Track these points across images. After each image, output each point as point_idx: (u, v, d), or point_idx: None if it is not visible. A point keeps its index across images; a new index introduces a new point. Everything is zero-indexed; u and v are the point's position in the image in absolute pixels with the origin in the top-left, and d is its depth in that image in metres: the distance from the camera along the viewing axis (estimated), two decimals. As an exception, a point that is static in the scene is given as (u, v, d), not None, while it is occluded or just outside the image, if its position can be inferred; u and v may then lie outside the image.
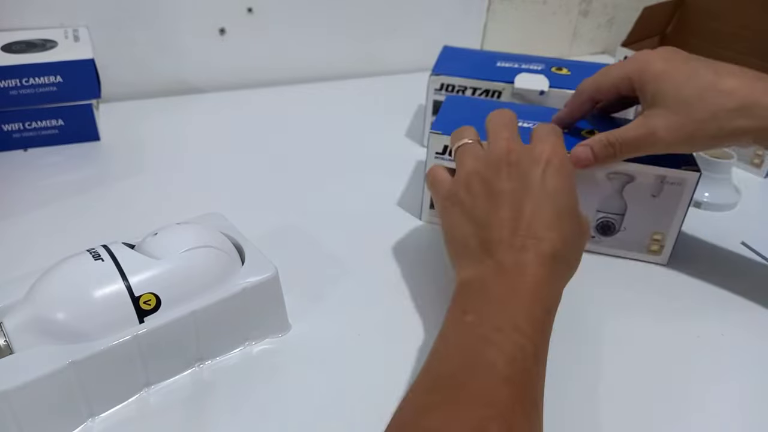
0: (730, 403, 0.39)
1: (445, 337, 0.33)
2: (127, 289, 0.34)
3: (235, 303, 0.38)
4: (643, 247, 0.49)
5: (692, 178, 0.46)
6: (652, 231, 0.48)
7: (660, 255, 0.49)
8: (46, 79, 0.60)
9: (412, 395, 0.30)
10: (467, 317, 0.33)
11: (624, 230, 0.48)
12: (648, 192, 0.47)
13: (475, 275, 0.35)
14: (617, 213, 0.48)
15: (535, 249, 0.34)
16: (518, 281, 0.33)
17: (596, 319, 0.44)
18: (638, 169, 0.46)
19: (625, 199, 0.47)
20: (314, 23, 0.81)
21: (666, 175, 0.46)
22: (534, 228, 0.35)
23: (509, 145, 0.38)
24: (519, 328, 0.31)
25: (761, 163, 0.65)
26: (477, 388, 0.28)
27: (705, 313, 0.45)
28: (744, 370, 0.41)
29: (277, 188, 0.58)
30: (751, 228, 0.55)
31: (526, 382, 0.29)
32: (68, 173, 0.59)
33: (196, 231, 0.39)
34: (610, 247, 0.49)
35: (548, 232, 0.35)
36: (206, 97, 0.77)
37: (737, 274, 0.50)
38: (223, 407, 0.36)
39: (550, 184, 0.36)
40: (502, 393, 0.28)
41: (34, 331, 0.33)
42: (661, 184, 0.46)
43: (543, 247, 0.34)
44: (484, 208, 0.37)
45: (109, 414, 0.35)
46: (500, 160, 0.38)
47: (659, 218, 0.48)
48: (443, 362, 0.31)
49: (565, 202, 0.37)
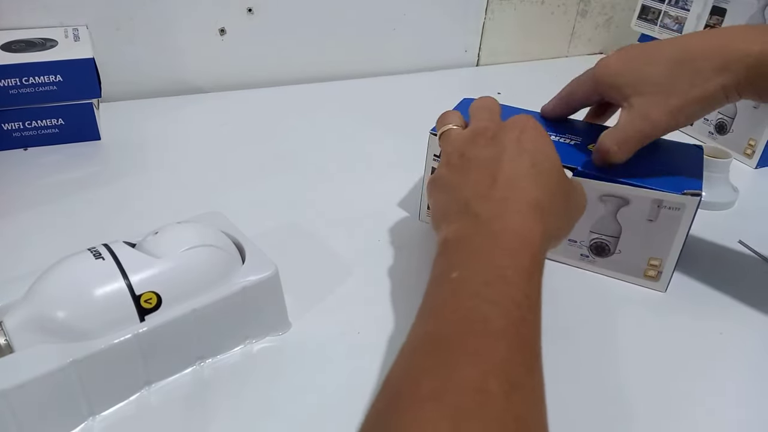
0: (728, 401, 0.39)
1: (433, 296, 0.32)
2: (128, 288, 0.34)
3: (236, 301, 0.38)
4: (640, 271, 0.47)
5: (692, 203, 0.42)
6: (649, 256, 0.46)
7: (658, 282, 0.46)
8: (47, 78, 0.60)
9: (403, 360, 0.28)
10: (453, 274, 0.31)
11: (619, 252, 0.46)
12: (644, 216, 0.44)
13: (456, 232, 0.34)
14: (611, 235, 0.46)
15: (515, 199, 0.33)
16: (500, 231, 0.32)
17: (592, 317, 0.44)
18: (633, 192, 0.43)
19: (619, 222, 0.45)
20: (314, 23, 0.81)
21: (663, 200, 0.43)
22: (514, 181, 0.34)
23: (486, 123, 0.39)
24: (507, 279, 0.30)
25: (753, 154, 0.66)
26: (472, 346, 0.27)
27: (703, 312, 0.45)
28: (742, 368, 0.41)
29: (277, 187, 0.58)
30: (749, 226, 0.55)
31: (522, 332, 0.28)
32: (69, 172, 0.59)
33: (197, 230, 0.39)
34: (605, 268, 0.48)
35: (529, 184, 0.34)
36: (206, 97, 0.77)
37: (735, 273, 0.50)
38: (224, 405, 0.36)
39: (528, 144, 0.36)
40: (498, 347, 0.26)
41: (35, 330, 0.33)
42: (657, 208, 0.43)
43: (523, 196, 0.34)
44: (462, 175, 0.37)
45: (110, 412, 0.35)
46: (477, 134, 0.38)
47: (656, 244, 0.45)
48: (434, 322, 0.29)
49: (545, 158, 0.36)
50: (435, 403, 0.24)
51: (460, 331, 0.28)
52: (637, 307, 0.46)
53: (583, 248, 0.48)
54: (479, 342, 0.27)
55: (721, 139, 0.69)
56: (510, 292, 0.29)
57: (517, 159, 0.36)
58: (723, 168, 0.58)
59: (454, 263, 0.32)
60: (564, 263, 0.49)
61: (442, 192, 0.39)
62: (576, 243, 0.48)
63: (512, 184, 0.34)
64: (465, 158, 0.38)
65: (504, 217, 0.33)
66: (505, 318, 0.28)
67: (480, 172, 0.36)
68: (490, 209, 0.34)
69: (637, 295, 0.47)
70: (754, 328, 0.44)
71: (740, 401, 0.39)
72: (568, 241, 0.48)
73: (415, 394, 0.25)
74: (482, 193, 0.35)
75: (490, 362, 0.26)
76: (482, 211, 0.34)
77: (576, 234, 0.47)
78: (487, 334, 0.27)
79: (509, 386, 0.25)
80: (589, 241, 0.47)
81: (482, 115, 0.41)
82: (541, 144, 0.37)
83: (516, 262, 0.31)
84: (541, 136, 0.37)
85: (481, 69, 0.94)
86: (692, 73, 0.40)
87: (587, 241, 0.47)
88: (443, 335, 0.28)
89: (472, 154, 0.37)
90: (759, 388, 0.40)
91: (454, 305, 0.29)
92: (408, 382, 0.26)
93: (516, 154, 0.36)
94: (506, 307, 0.28)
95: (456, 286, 0.30)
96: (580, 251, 0.48)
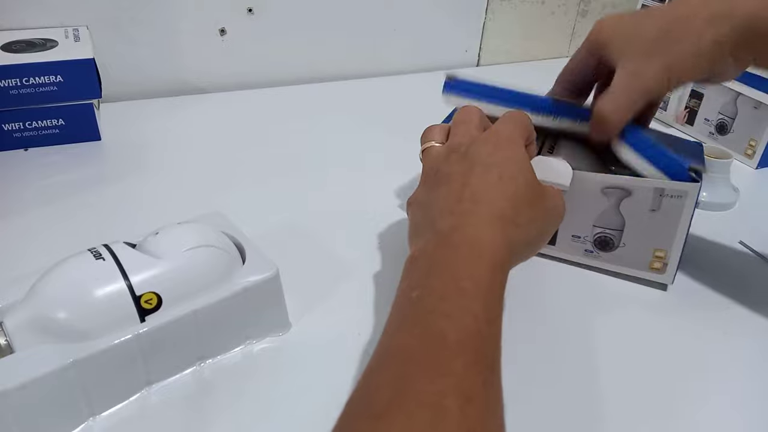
0: (729, 402, 0.39)
1: (395, 314, 0.32)
2: (129, 288, 0.34)
3: (236, 302, 0.38)
4: (645, 264, 0.46)
5: (693, 189, 0.42)
6: (654, 248, 0.46)
7: (663, 273, 0.46)
8: (47, 79, 0.60)
9: (363, 378, 0.28)
10: (413, 293, 0.31)
11: (623, 246, 0.46)
12: (646, 207, 0.44)
13: (419, 250, 0.35)
14: (615, 228, 0.46)
15: (478, 211, 0.33)
16: (460, 244, 0.32)
17: (593, 317, 0.44)
18: (634, 183, 0.44)
19: (622, 214, 0.45)
20: (314, 23, 0.81)
21: (664, 188, 0.43)
22: (479, 194, 0.34)
23: (461, 139, 0.39)
24: (464, 292, 0.30)
25: (753, 154, 0.66)
26: (429, 361, 0.27)
27: (704, 313, 0.45)
28: (743, 369, 0.41)
29: (277, 188, 0.58)
30: (749, 227, 0.55)
31: (479, 346, 0.28)
32: (69, 173, 0.59)
33: (197, 230, 0.39)
34: (609, 262, 0.48)
35: (495, 195, 0.34)
36: (206, 97, 0.77)
37: (736, 274, 0.50)
38: (224, 406, 0.36)
39: (498, 157, 0.36)
40: (455, 363, 0.26)
41: (35, 331, 0.33)
42: (659, 197, 0.43)
43: (487, 208, 0.34)
44: (433, 191, 0.37)
45: (110, 413, 0.35)
46: (451, 150, 0.38)
47: (660, 234, 0.45)
48: (395, 340, 0.29)
49: (516, 169, 0.36)
50: (387, 420, 0.24)
51: (418, 346, 0.28)
52: (638, 307, 0.46)
53: (587, 243, 0.48)
54: (435, 358, 0.27)
55: (722, 140, 0.69)
56: (467, 305, 0.29)
57: (485, 172, 0.36)
58: (724, 168, 0.58)
59: (414, 282, 0.32)
60: (568, 260, 0.49)
61: (417, 210, 0.39)
62: (580, 239, 0.48)
63: (477, 197, 0.34)
64: (438, 175, 0.38)
65: (464, 230, 0.33)
66: (462, 332, 0.28)
67: (449, 187, 0.36)
68: (452, 223, 0.34)
69: (638, 296, 0.47)
70: (755, 329, 0.44)
71: (742, 402, 0.39)
72: (571, 238, 0.48)
73: (370, 411, 0.25)
74: (448, 208, 0.35)
75: (448, 378, 0.26)
76: (445, 226, 0.34)
77: (579, 229, 0.47)
78: (443, 349, 0.27)
79: (464, 401, 0.25)
80: (593, 236, 0.47)
81: (459, 130, 0.40)
82: (512, 154, 0.37)
83: (474, 272, 0.31)
84: (514, 147, 0.37)
85: (481, 69, 0.94)
86: (683, 29, 0.39)
87: (591, 236, 0.47)
88: (401, 351, 0.28)
89: (445, 171, 0.37)
90: (760, 388, 0.40)
91: (413, 321, 0.29)
92: (365, 399, 0.26)
93: (485, 167, 0.36)
94: (462, 321, 0.28)
95: (416, 302, 0.30)
96: (584, 247, 0.48)
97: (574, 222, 0.47)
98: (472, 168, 0.36)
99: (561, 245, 0.49)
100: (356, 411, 0.26)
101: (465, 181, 0.35)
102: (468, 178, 0.36)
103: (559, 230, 0.48)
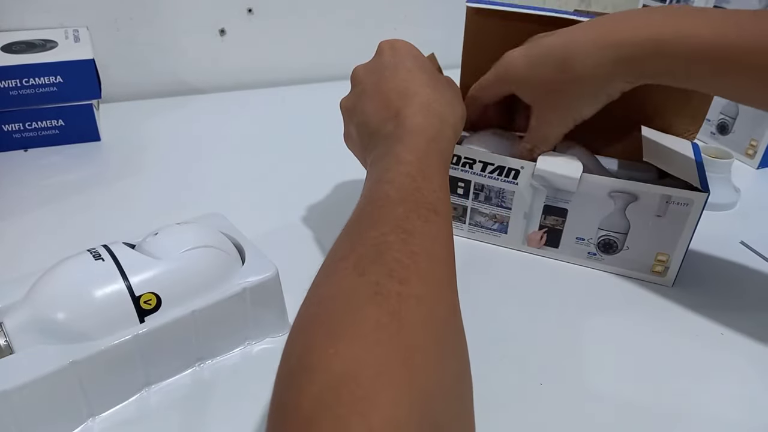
0: (729, 402, 0.39)
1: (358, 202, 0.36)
2: (128, 289, 0.34)
3: (236, 303, 0.38)
4: (647, 267, 0.47)
5: (699, 199, 0.44)
6: (657, 252, 0.46)
7: (665, 277, 0.47)
8: (47, 80, 0.60)
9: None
10: (368, 181, 0.36)
11: (627, 249, 0.47)
12: (652, 212, 0.45)
13: (374, 156, 0.38)
14: (620, 232, 0.47)
15: (408, 105, 0.38)
16: (402, 134, 0.37)
17: (594, 319, 0.44)
18: (643, 188, 0.44)
19: (628, 218, 0.46)
20: (314, 23, 0.81)
21: (672, 195, 0.44)
22: (400, 92, 0.39)
23: (364, 64, 0.44)
24: (403, 160, 0.34)
25: (754, 154, 0.66)
26: (375, 215, 0.31)
27: (704, 313, 0.45)
28: (743, 369, 0.41)
29: (277, 188, 0.58)
30: (750, 227, 0.55)
31: (418, 197, 0.32)
32: (69, 173, 0.59)
33: (197, 231, 0.39)
34: (612, 265, 0.48)
35: (415, 87, 0.39)
36: (206, 97, 0.77)
37: (736, 274, 0.50)
38: (223, 407, 0.36)
39: (398, 56, 0.41)
40: (396, 211, 0.31)
41: (35, 331, 0.33)
42: (666, 204, 0.44)
43: (415, 100, 0.38)
44: (360, 103, 0.42)
45: (110, 414, 0.35)
46: (352, 81, 0.44)
47: (664, 239, 0.46)
48: (354, 213, 0.34)
49: (421, 62, 0.41)
50: (344, 261, 0.29)
51: (367, 207, 0.33)
52: (639, 307, 0.46)
53: (591, 246, 0.48)
54: (380, 211, 0.31)
55: (723, 140, 0.69)
56: (406, 170, 0.33)
57: (396, 78, 0.40)
58: (724, 168, 0.58)
59: (370, 174, 0.36)
60: (572, 263, 0.49)
61: (351, 118, 0.43)
62: (584, 241, 0.48)
63: (400, 94, 0.39)
64: (361, 86, 0.42)
65: (403, 125, 0.37)
66: (402, 190, 0.32)
67: (374, 98, 0.40)
68: (393, 125, 0.38)
69: (639, 296, 0.47)
70: (756, 329, 0.44)
71: (742, 402, 0.39)
72: (575, 240, 0.48)
73: (332, 260, 0.30)
74: (383, 116, 0.39)
75: (390, 224, 0.30)
76: (386, 130, 0.38)
77: (584, 232, 0.48)
78: (387, 204, 0.32)
79: (406, 235, 0.29)
80: (597, 239, 0.47)
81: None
82: (409, 50, 0.42)
83: (411, 146, 0.35)
84: (406, 44, 0.43)
85: (481, 69, 0.94)
86: (578, 72, 0.41)
87: (595, 238, 0.48)
88: (355, 215, 0.33)
89: (363, 85, 0.42)
90: (760, 389, 0.40)
91: (364, 195, 0.34)
92: (330, 254, 0.31)
93: (393, 68, 0.41)
94: (402, 181, 0.33)
95: (368, 186, 0.35)
96: (588, 249, 0.48)
97: (579, 224, 0.47)
98: (382, 74, 0.41)
99: (564, 248, 0.49)
100: (324, 263, 0.31)
101: (386, 93, 0.40)
102: (383, 83, 0.40)
103: (564, 233, 0.48)
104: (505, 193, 0.48)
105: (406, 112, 0.38)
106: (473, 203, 0.50)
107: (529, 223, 0.49)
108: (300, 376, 0.23)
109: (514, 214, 0.49)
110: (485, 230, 0.51)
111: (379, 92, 0.40)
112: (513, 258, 0.50)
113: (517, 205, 0.48)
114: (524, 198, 0.48)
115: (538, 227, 0.49)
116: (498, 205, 0.49)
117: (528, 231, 0.49)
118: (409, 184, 0.33)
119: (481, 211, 0.50)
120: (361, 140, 0.42)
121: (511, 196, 0.48)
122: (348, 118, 0.44)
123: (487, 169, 0.48)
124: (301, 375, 0.23)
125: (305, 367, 0.23)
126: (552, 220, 0.48)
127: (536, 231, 0.49)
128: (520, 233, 0.50)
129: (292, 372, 0.24)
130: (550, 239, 0.49)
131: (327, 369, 0.23)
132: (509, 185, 0.48)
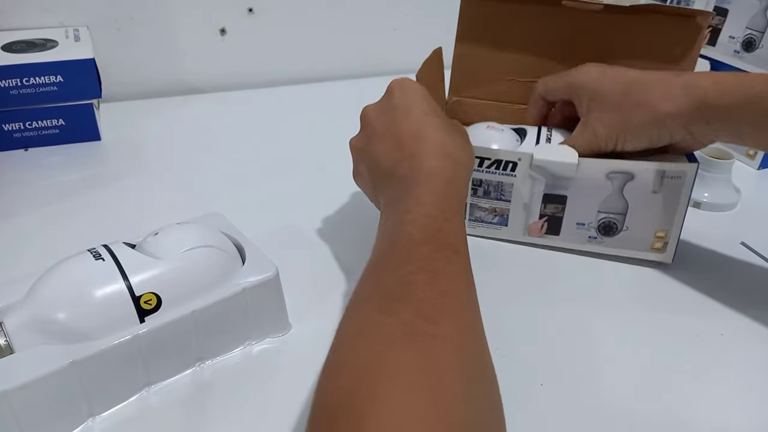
0: (729, 402, 0.39)
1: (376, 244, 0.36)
2: (128, 289, 0.34)
3: (236, 303, 0.38)
4: (647, 245, 0.48)
5: (691, 170, 0.45)
6: (655, 228, 0.48)
7: (664, 253, 0.48)
8: (47, 79, 0.60)
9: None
10: (387, 222, 0.36)
11: (626, 229, 0.48)
12: (649, 188, 0.46)
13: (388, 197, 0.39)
14: (619, 213, 0.48)
15: (422, 150, 0.38)
16: (415, 175, 0.37)
17: (595, 319, 0.44)
18: (638, 166, 0.46)
19: (626, 198, 0.47)
20: (314, 23, 0.81)
21: (666, 170, 0.45)
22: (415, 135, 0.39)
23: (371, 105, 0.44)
24: (422, 202, 0.35)
25: (755, 155, 0.65)
26: (399, 254, 0.32)
27: (704, 313, 0.45)
28: (743, 369, 0.41)
29: (277, 188, 0.58)
30: (751, 228, 0.55)
31: (441, 238, 0.33)
32: (69, 173, 0.59)
33: (197, 231, 0.39)
34: (612, 246, 0.49)
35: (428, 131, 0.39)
36: (206, 97, 0.77)
37: (736, 274, 0.50)
38: (224, 407, 0.36)
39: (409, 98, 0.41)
40: (421, 250, 0.31)
41: (35, 331, 0.33)
42: (661, 179, 0.46)
43: (429, 144, 0.39)
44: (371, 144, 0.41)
45: (110, 413, 0.35)
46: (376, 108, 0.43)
47: (661, 214, 0.47)
48: (374, 253, 0.34)
49: (432, 106, 0.41)
50: (368, 302, 0.29)
51: (389, 248, 0.33)
52: (639, 307, 0.46)
53: (591, 230, 0.49)
54: (404, 250, 0.32)
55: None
56: (427, 212, 0.34)
57: (409, 119, 0.40)
58: (725, 169, 0.58)
59: (387, 214, 0.37)
60: (572, 249, 0.50)
61: (362, 158, 0.43)
62: (584, 226, 0.49)
63: (414, 137, 0.39)
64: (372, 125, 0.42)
65: (420, 168, 0.37)
66: (425, 230, 0.33)
67: (386, 140, 0.40)
68: (408, 167, 0.38)
69: (639, 296, 0.47)
70: (756, 330, 0.44)
71: (741, 402, 0.39)
72: (576, 226, 0.49)
73: (357, 300, 0.31)
74: (396, 158, 0.39)
75: (415, 263, 0.31)
76: (400, 172, 0.38)
77: (584, 216, 0.48)
78: (410, 244, 0.32)
79: (432, 275, 0.30)
80: (597, 222, 0.48)
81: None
82: (419, 92, 0.42)
83: (430, 189, 0.36)
84: (415, 85, 0.43)
85: (481, 69, 0.94)
86: (641, 98, 0.44)
87: (595, 222, 0.48)
88: (377, 256, 0.34)
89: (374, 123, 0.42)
90: (760, 389, 0.40)
91: (385, 235, 0.35)
92: (354, 296, 0.32)
93: (405, 115, 0.41)
94: (423, 222, 0.33)
95: (388, 224, 0.36)
96: (588, 234, 0.49)
97: (579, 210, 0.48)
98: (394, 117, 0.41)
99: (565, 234, 0.49)
100: (350, 305, 0.31)
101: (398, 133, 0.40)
102: (396, 126, 0.40)
103: (564, 219, 0.49)
104: (504, 185, 0.49)
105: (422, 155, 0.38)
106: (472, 199, 0.50)
107: (529, 214, 0.49)
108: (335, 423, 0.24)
109: (514, 205, 0.49)
110: (486, 224, 0.51)
111: (392, 134, 0.40)
112: (514, 253, 0.50)
113: (516, 196, 0.49)
114: (523, 189, 0.48)
115: (538, 216, 0.49)
116: (497, 198, 0.50)
117: (528, 221, 0.50)
118: (430, 225, 0.33)
119: (480, 206, 0.50)
120: (373, 180, 0.42)
121: (509, 189, 0.49)
122: (358, 157, 0.44)
123: (484, 164, 0.48)
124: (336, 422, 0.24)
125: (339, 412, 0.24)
126: (552, 208, 0.49)
127: (537, 221, 0.49)
128: (521, 224, 0.50)
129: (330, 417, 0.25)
130: (551, 227, 0.49)
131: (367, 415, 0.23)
132: (507, 178, 0.48)
